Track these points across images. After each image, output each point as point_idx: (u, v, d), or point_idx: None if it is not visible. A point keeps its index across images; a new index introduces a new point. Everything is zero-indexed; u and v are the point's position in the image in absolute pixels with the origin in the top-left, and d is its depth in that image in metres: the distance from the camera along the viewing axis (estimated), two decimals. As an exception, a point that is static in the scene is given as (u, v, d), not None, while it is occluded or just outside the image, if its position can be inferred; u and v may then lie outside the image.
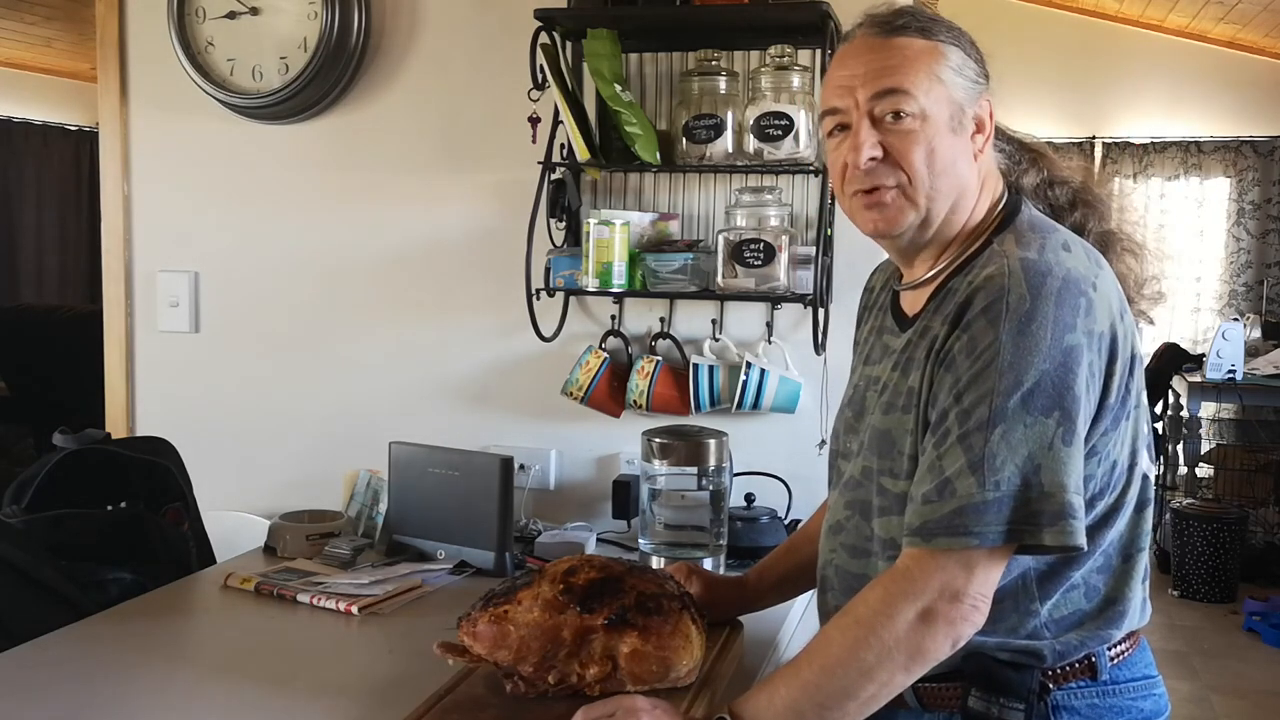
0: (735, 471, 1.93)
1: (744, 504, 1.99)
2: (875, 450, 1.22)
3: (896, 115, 1.16)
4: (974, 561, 1.08)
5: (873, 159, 1.17)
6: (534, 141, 2.09)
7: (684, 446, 1.82)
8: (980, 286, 1.12)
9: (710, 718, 1.17)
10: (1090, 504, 1.15)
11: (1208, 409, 5.51)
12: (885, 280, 1.37)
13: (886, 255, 1.35)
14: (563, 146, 2.08)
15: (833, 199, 2.00)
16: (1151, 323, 1.34)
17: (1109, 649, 1.19)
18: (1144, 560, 1.22)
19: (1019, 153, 1.31)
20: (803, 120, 1.94)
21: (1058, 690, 1.17)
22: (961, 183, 1.20)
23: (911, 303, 1.27)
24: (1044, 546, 1.08)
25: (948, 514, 1.08)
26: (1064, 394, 1.08)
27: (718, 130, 1.98)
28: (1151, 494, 1.23)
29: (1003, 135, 1.29)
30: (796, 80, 1.96)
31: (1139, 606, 1.22)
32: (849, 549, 1.27)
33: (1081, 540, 1.08)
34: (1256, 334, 5.63)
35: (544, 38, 2.02)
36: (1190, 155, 6.64)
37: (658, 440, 1.83)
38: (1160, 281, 1.32)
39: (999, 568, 1.11)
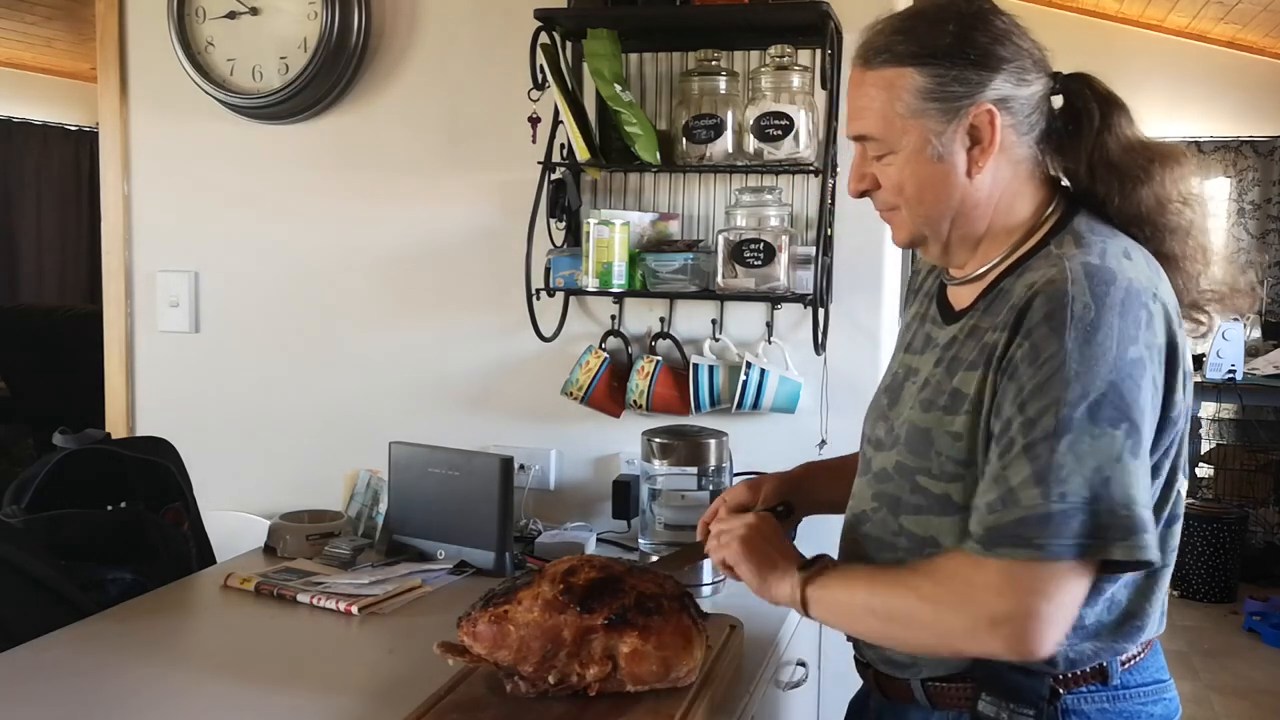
0: (735, 471, 1.93)
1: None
2: (910, 447, 1.20)
3: (879, 152, 1.20)
4: (1044, 573, 1.04)
5: (861, 192, 1.25)
6: (534, 141, 2.09)
7: (684, 446, 1.82)
8: (1040, 290, 1.09)
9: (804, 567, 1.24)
10: None
11: (1208, 409, 5.51)
12: (932, 266, 1.35)
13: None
14: (563, 146, 2.08)
15: (833, 199, 2.00)
16: (1206, 333, 1.28)
17: (1119, 656, 1.19)
18: (1167, 576, 1.20)
19: (1138, 159, 1.20)
20: (803, 120, 1.94)
21: (1068, 694, 1.17)
22: (952, 202, 1.18)
23: (959, 297, 1.25)
24: (1116, 563, 1.04)
25: (1011, 523, 1.05)
26: (1130, 406, 1.05)
27: (718, 130, 1.98)
28: (1182, 509, 1.20)
29: (1071, 116, 1.21)
30: (796, 80, 1.96)
31: (1156, 620, 1.20)
32: (874, 542, 1.25)
33: (1154, 555, 1.04)
34: (1256, 334, 5.63)
35: (544, 38, 2.02)
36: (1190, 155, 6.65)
37: (658, 440, 1.83)
38: (1220, 286, 1.26)
39: (1077, 587, 1.06)
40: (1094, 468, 1.03)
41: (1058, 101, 1.22)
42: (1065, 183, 1.24)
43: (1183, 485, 1.20)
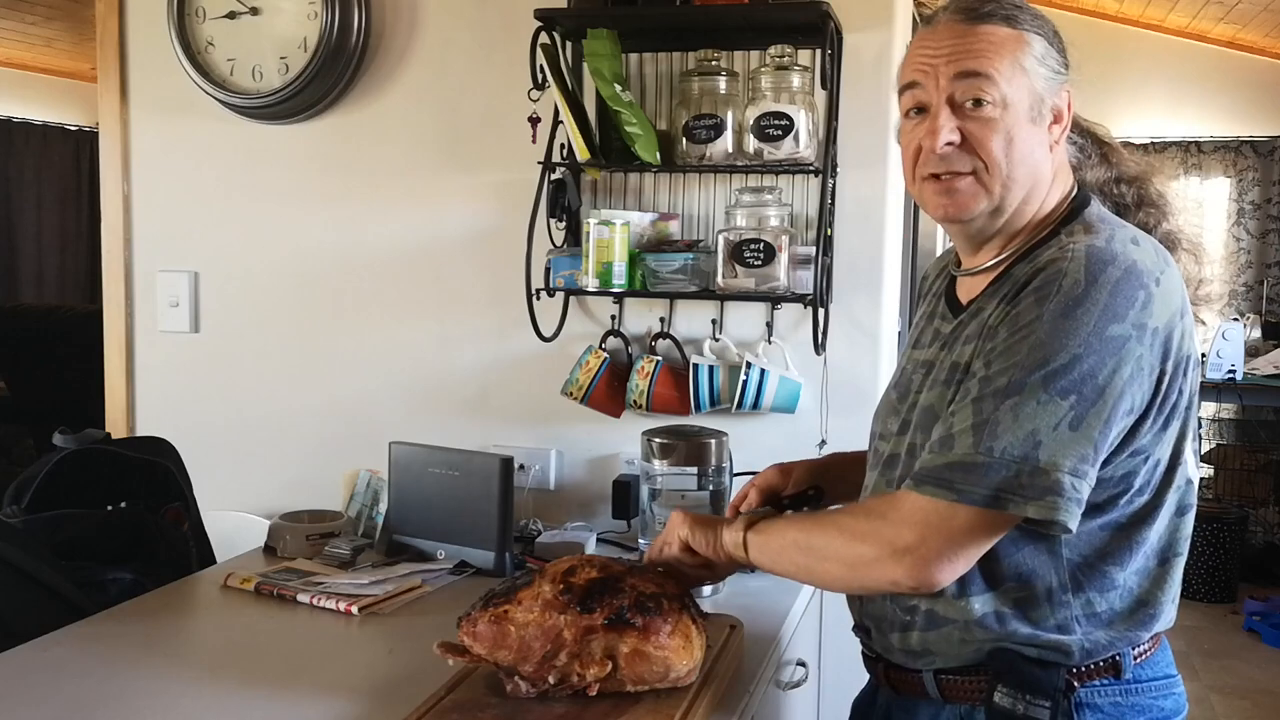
0: (735, 471, 1.93)
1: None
2: (920, 427, 1.22)
3: (977, 102, 1.17)
4: (956, 517, 1.10)
5: (950, 144, 1.18)
6: (534, 141, 2.09)
7: (684, 446, 1.82)
8: (1042, 268, 1.13)
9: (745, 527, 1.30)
10: (1129, 501, 1.16)
11: (1208, 409, 5.51)
12: (940, 269, 1.39)
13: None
14: (563, 146, 2.08)
15: (833, 199, 2.00)
16: (1203, 323, 1.33)
17: (1133, 648, 1.20)
18: (1180, 566, 1.23)
19: (1090, 145, 1.31)
20: (803, 120, 1.94)
21: (1082, 688, 1.18)
22: (1037, 173, 1.20)
23: (968, 290, 1.27)
24: (1030, 520, 1.09)
25: (941, 466, 1.11)
26: (1087, 381, 1.07)
27: (718, 130, 1.98)
28: (1194, 500, 1.23)
29: (1075, 126, 1.27)
30: (796, 80, 1.96)
31: (1168, 609, 1.22)
32: None
33: (1066, 518, 1.08)
34: (1256, 334, 5.63)
35: (544, 38, 2.02)
36: (1190, 155, 6.63)
37: (658, 440, 1.83)
38: (1212, 283, 1.33)
39: (985, 534, 1.12)
40: (1029, 431, 1.08)
41: None
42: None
43: (1194, 476, 1.22)
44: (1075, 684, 1.18)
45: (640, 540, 1.91)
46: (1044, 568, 1.17)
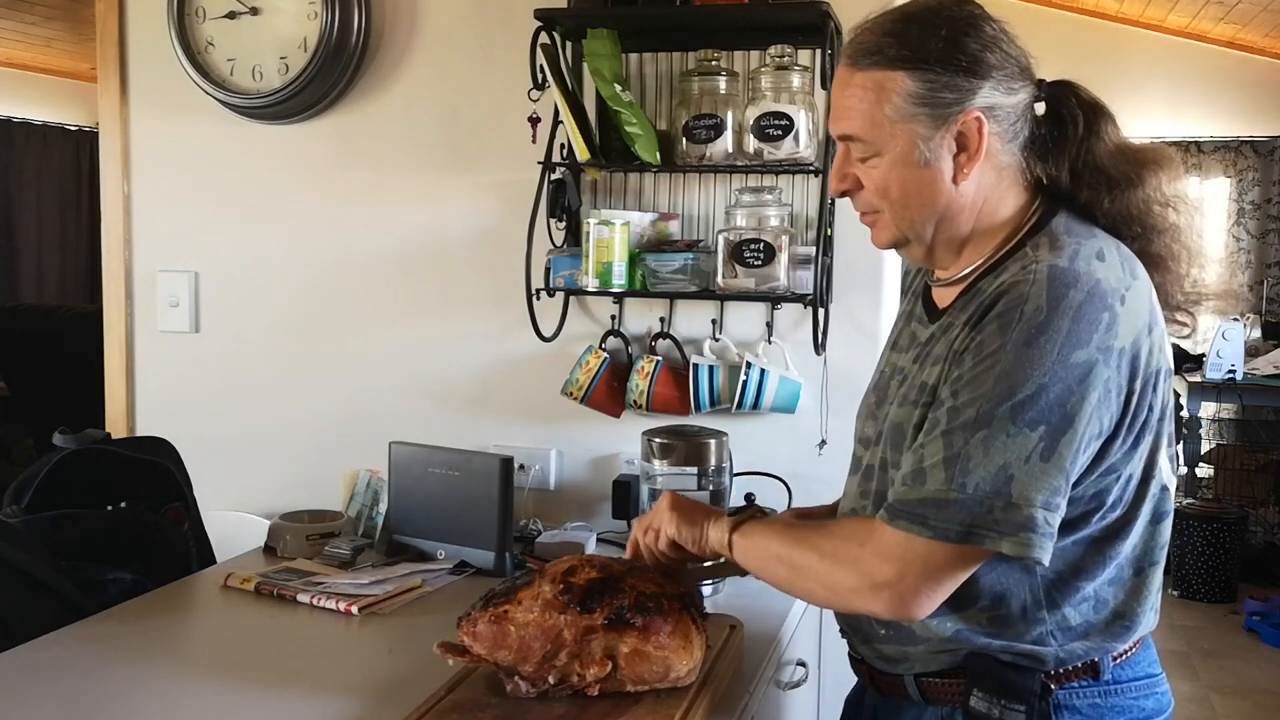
0: (735, 471, 1.93)
1: (744, 504, 1.98)
2: (890, 442, 1.22)
3: (862, 156, 1.20)
4: (933, 553, 1.09)
5: (843, 193, 1.25)
6: (534, 141, 2.09)
7: (684, 446, 1.82)
8: (1005, 291, 1.12)
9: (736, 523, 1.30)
10: (1102, 517, 1.15)
11: (1208, 409, 5.51)
12: (919, 268, 1.37)
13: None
14: (563, 146, 2.08)
15: (833, 199, 2.00)
16: (1191, 333, 1.30)
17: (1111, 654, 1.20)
18: (1157, 574, 1.21)
19: (1071, 130, 1.21)
20: (803, 120, 1.94)
21: (1059, 690, 1.18)
22: (936, 207, 1.19)
23: (942, 296, 1.27)
24: (1003, 555, 1.08)
25: (914, 501, 1.11)
26: (1055, 410, 1.06)
27: (718, 130, 1.98)
28: (1170, 506, 1.21)
29: (1065, 105, 1.21)
30: (796, 80, 1.96)
31: (1147, 617, 1.21)
32: None
33: (1040, 554, 1.07)
34: (1256, 334, 5.63)
35: (544, 38, 2.02)
36: (1190, 155, 6.64)
37: (658, 440, 1.82)
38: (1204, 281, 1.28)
39: (959, 567, 1.11)
40: (1000, 465, 1.07)
41: (1040, 108, 1.22)
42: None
43: (1170, 482, 1.21)
44: (1052, 686, 1.17)
45: (640, 540, 1.91)
46: (1018, 586, 1.16)
